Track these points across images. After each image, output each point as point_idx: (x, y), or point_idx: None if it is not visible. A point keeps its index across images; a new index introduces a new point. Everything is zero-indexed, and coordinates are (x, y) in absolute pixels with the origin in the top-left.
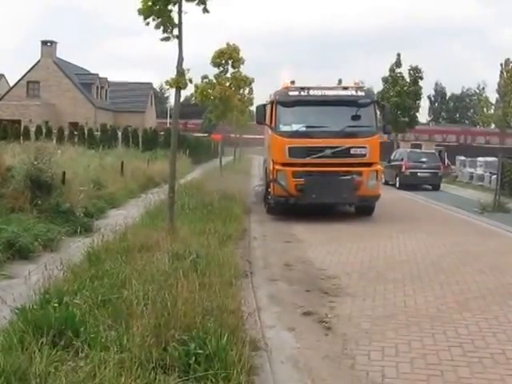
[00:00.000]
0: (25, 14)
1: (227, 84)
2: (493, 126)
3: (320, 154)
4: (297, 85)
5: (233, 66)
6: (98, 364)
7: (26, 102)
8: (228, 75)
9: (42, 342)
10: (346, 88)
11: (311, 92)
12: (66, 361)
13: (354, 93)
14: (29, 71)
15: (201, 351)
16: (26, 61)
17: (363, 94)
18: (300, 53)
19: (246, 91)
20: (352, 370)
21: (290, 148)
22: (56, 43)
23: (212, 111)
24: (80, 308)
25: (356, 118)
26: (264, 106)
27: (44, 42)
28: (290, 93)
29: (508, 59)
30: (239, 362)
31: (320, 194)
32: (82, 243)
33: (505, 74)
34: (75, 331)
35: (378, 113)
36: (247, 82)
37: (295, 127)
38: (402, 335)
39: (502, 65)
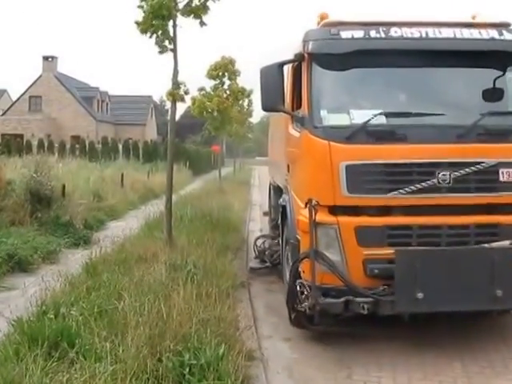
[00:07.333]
0: (26, 29)
1: (224, 96)
2: None
3: (427, 184)
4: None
5: (229, 78)
6: (91, 375)
7: (28, 116)
8: (225, 87)
9: (37, 354)
10: (469, 25)
11: (394, 32)
12: (61, 372)
13: (495, 35)
14: (31, 86)
15: (195, 362)
16: (28, 76)
17: None
18: None
19: (246, 103)
20: (349, 380)
21: (349, 168)
22: (57, 58)
23: (211, 123)
24: (76, 319)
25: (503, 93)
26: (281, 66)
27: (45, 57)
28: (344, 34)
29: None
30: (234, 373)
31: (435, 291)
32: (80, 255)
33: None
34: (70, 342)
35: None
36: (245, 93)
37: (359, 116)
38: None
39: None
